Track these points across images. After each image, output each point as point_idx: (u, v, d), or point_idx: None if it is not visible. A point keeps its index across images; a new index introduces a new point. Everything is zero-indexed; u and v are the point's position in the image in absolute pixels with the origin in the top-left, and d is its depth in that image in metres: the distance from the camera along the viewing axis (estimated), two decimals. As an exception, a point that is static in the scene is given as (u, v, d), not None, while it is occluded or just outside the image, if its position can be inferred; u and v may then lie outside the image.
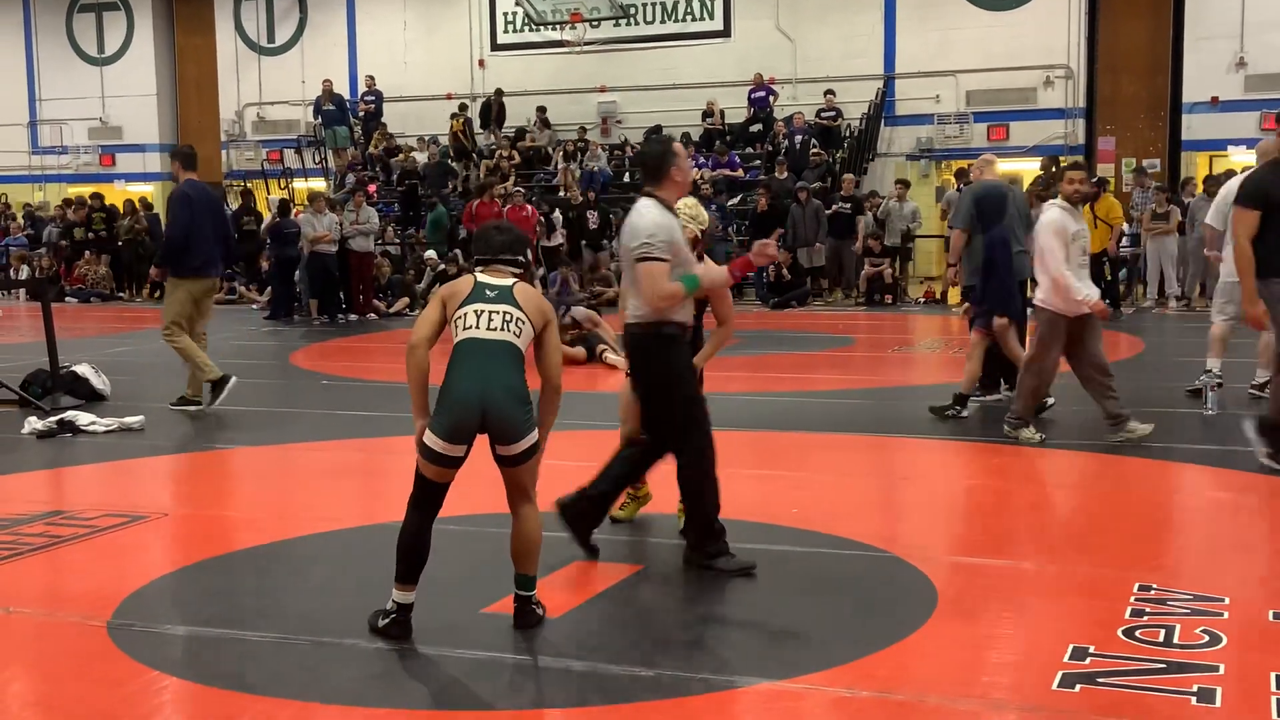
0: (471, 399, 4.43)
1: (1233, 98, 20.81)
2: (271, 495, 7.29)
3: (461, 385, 4.47)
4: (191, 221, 9.54)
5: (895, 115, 23.03)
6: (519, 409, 4.47)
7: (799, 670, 4.20)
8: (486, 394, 4.43)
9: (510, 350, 4.52)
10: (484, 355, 4.49)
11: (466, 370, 4.48)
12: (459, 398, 4.45)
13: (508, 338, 4.53)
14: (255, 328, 17.26)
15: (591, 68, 24.40)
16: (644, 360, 5.35)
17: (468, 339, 4.53)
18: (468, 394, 4.44)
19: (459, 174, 22.98)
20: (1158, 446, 7.84)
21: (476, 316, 4.55)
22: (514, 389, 4.48)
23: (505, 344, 4.52)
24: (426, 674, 4.32)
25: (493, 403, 4.43)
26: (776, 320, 17.07)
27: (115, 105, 28.40)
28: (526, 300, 4.62)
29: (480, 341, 4.51)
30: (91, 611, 4.97)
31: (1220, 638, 4.43)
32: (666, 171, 5.27)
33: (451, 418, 4.43)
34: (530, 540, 4.62)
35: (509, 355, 4.51)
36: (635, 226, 5.22)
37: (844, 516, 6.20)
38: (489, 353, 4.50)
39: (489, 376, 4.46)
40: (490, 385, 4.44)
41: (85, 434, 8.86)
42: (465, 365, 4.50)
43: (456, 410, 4.43)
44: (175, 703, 4.10)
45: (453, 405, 4.44)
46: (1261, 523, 6.32)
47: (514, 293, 4.61)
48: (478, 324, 4.54)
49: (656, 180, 5.31)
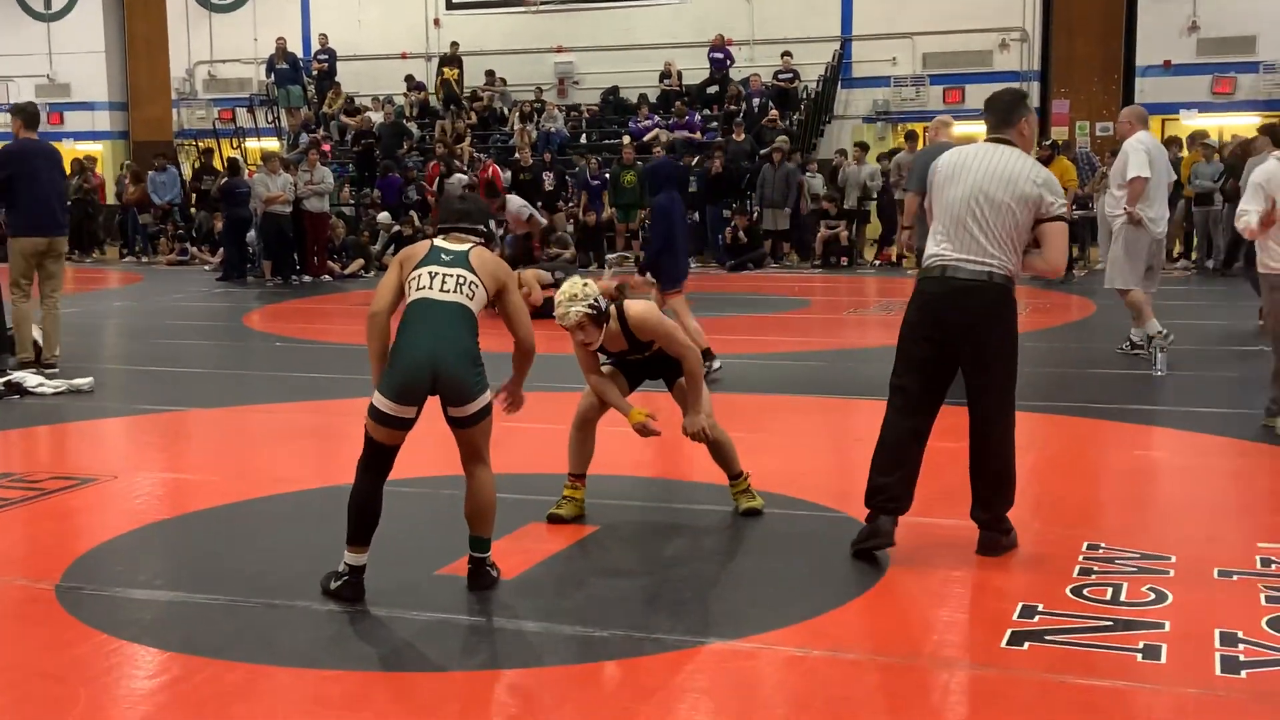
0: (421, 360, 4.41)
1: (1185, 61, 20.93)
2: (223, 457, 7.24)
3: (412, 346, 4.44)
4: (23, 180, 9.54)
5: (852, 78, 22.99)
6: (469, 370, 4.45)
7: (752, 629, 4.23)
8: (437, 355, 4.41)
9: (462, 312, 4.50)
10: (435, 316, 4.47)
11: (417, 331, 4.46)
12: (409, 359, 4.42)
13: (460, 300, 4.51)
14: (208, 289, 17.10)
15: (548, 27, 24.19)
16: (1003, 318, 4.95)
17: (419, 299, 4.51)
18: (418, 355, 4.42)
19: (414, 135, 22.76)
20: (1109, 407, 7.91)
21: (430, 279, 4.53)
22: (465, 350, 4.46)
23: (457, 305, 4.50)
24: (379, 636, 4.31)
25: (443, 364, 4.40)
26: (733, 282, 17.08)
27: (63, 62, 27.87)
28: (482, 265, 4.60)
29: (432, 302, 4.49)
30: (39, 574, 4.93)
31: (1166, 595, 4.49)
32: (1016, 122, 5.03)
33: (401, 379, 4.41)
34: (484, 502, 4.61)
35: (461, 317, 4.49)
36: (1034, 176, 4.86)
37: (798, 477, 6.23)
38: (441, 314, 4.47)
39: (440, 338, 4.43)
40: (441, 347, 4.42)
41: (33, 396, 8.75)
42: (416, 326, 4.47)
43: (406, 371, 4.41)
44: (124, 665, 4.07)
45: (403, 366, 4.42)
46: (1208, 482, 6.40)
47: (469, 257, 4.59)
48: (430, 285, 4.52)
49: (1009, 124, 5.01)
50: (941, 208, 4.97)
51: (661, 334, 5.34)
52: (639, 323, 5.31)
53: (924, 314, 4.96)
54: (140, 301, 15.74)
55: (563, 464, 5.61)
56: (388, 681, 3.92)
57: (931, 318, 4.94)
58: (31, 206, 9.66)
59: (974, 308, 4.87)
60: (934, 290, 4.93)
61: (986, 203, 4.86)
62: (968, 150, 5.03)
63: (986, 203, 4.86)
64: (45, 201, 9.71)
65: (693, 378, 5.41)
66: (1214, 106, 20.79)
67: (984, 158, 4.94)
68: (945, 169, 5.01)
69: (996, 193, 4.85)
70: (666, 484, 6.29)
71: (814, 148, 21.35)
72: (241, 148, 23.80)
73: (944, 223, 4.95)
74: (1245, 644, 4.04)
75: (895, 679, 3.89)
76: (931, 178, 5.08)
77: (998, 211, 4.85)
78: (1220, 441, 7.04)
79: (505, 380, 4.80)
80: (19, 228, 9.73)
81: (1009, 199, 4.84)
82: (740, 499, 5.64)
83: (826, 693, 3.77)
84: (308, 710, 3.69)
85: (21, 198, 9.62)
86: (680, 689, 3.83)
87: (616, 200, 19.34)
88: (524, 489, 5.81)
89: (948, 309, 4.90)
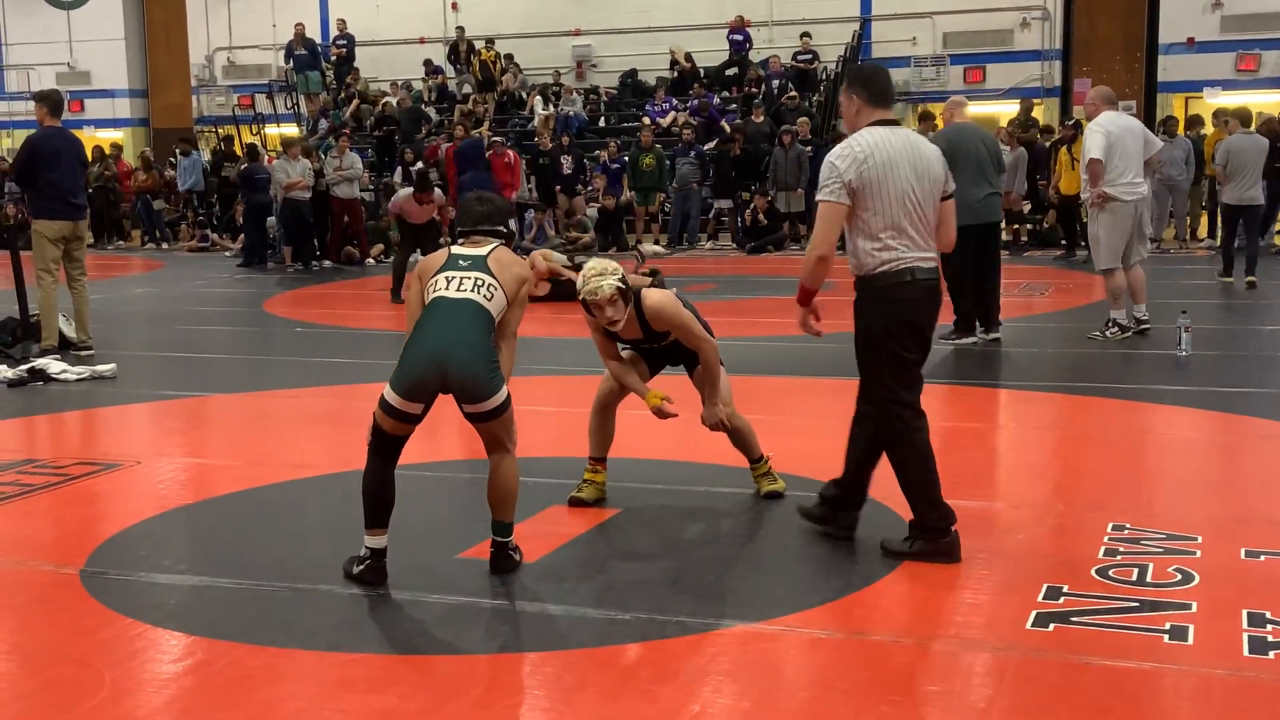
0: (432, 357, 4.40)
1: (1209, 38, 20.74)
2: (245, 442, 7.26)
3: (423, 343, 4.45)
4: (45, 167, 9.69)
5: (872, 58, 22.84)
6: (484, 367, 4.43)
7: (774, 612, 4.22)
8: (448, 353, 4.39)
9: (477, 309, 4.48)
10: (449, 314, 4.47)
11: (430, 329, 4.47)
12: (419, 355, 4.42)
13: (475, 298, 4.50)
14: (228, 275, 17.14)
15: (565, 10, 24.13)
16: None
17: (435, 298, 4.53)
18: (428, 352, 4.41)
19: (432, 119, 22.75)
20: (1131, 387, 7.86)
21: (447, 282, 4.56)
22: (478, 347, 4.43)
23: (472, 303, 4.49)
24: (401, 619, 4.32)
25: (455, 362, 4.39)
26: (752, 265, 17.04)
27: (83, 50, 27.95)
28: (500, 267, 4.60)
29: (447, 300, 4.51)
30: (64, 559, 4.95)
31: (1193, 576, 4.46)
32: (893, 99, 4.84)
33: (411, 375, 4.41)
34: (507, 487, 4.61)
35: (476, 315, 4.47)
36: (937, 156, 4.76)
37: (820, 459, 6.19)
38: (454, 312, 4.47)
39: (451, 335, 4.42)
40: (452, 344, 4.41)
41: (57, 382, 8.79)
42: (429, 324, 4.48)
43: (417, 367, 4.41)
44: (149, 650, 4.09)
45: (413, 362, 4.43)
46: (1234, 462, 6.36)
47: (488, 261, 4.60)
48: (447, 287, 4.54)
49: (893, 101, 4.80)
50: (885, 203, 4.58)
51: (677, 324, 5.29)
52: (655, 312, 5.26)
53: (909, 322, 4.68)
54: (162, 288, 15.79)
55: (583, 447, 5.61)
56: (410, 664, 3.92)
57: (913, 325, 4.69)
58: (51, 192, 9.77)
59: (938, 307, 4.80)
60: (910, 296, 4.65)
61: (919, 193, 4.64)
62: (885, 137, 4.63)
63: (919, 193, 4.64)
64: (65, 187, 9.82)
65: (709, 369, 5.36)
66: (1238, 84, 20.58)
67: (902, 145, 4.65)
68: (880, 162, 4.58)
69: (922, 181, 4.64)
70: (688, 467, 6.28)
71: (834, 129, 21.23)
72: (261, 134, 23.82)
73: (888, 219, 4.59)
74: (1273, 624, 4.00)
75: (919, 661, 3.87)
76: (867, 173, 4.58)
77: (926, 200, 4.66)
78: (1246, 421, 6.98)
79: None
80: (41, 210, 9.84)
81: (930, 185, 4.67)
82: (761, 482, 5.63)
83: (850, 675, 3.76)
84: (330, 694, 3.69)
85: (43, 183, 9.74)
86: (703, 671, 3.82)
87: (635, 184, 19.30)
88: (545, 472, 5.81)
89: (929, 314, 4.73)
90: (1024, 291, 12.94)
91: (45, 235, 9.76)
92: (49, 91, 10.57)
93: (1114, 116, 9.56)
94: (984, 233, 9.61)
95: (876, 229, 4.62)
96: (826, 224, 4.64)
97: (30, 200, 10.10)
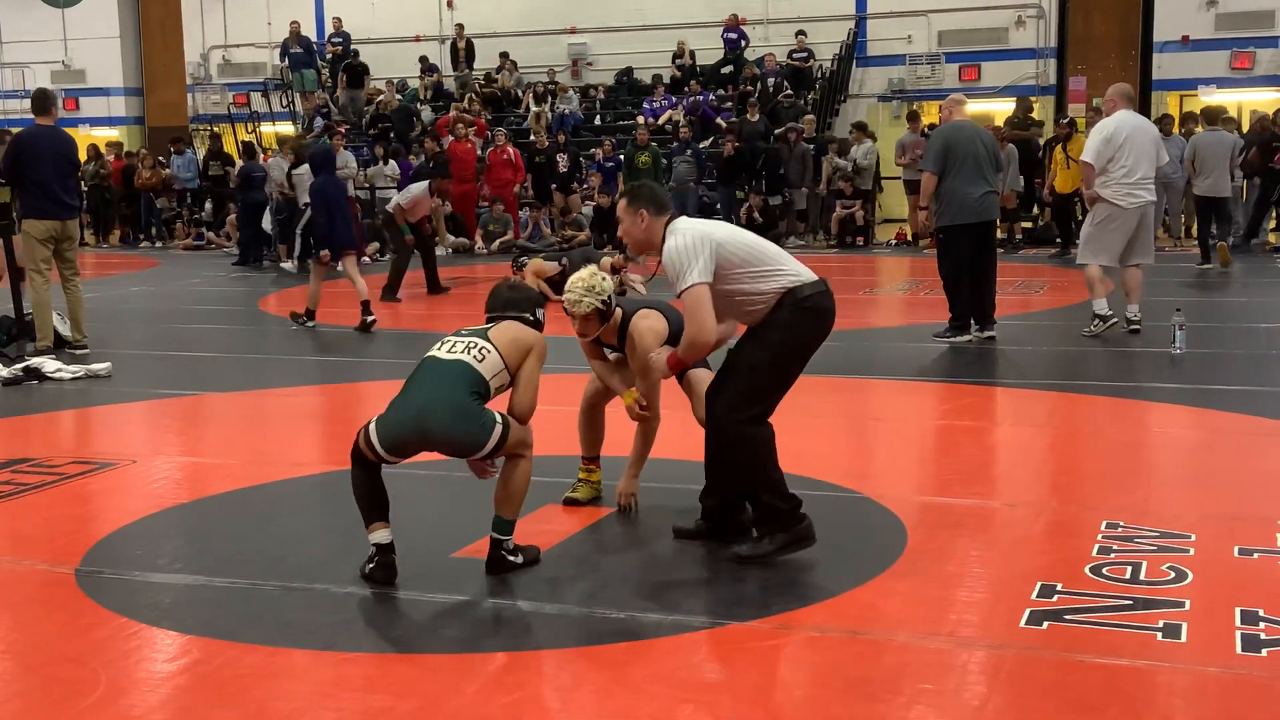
0: (413, 419, 4.42)
1: (1203, 37, 20.76)
2: (241, 441, 7.25)
3: (405, 403, 4.48)
4: (29, 165, 9.69)
5: (867, 56, 22.89)
6: (469, 423, 4.41)
7: (770, 610, 4.23)
8: (429, 414, 4.41)
9: (463, 370, 4.48)
10: (434, 374, 4.50)
11: (414, 390, 4.51)
12: (402, 417, 4.45)
13: (465, 359, 4.51)
14: (224, 273, 17.13)
15: (561, 9, 24.13)
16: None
17: (424, 358, 4.59)
18: (409, 413, 4.44)
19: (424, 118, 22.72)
20: (1126, 385, 7.87)
21: (441, 345, 4.60)
22: (458, 404, 4.42)
23: (460, 363, 4.50)
24: (397, 618, 4.32)
25: (436, 423, 4.40)
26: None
27: (78, 48, 27.92)
28: (501, 335, 4.61)
29: (436, 360, 4.55)
30: (59, 558, 4.95)
31: (1186, 574, 4.47)
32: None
33: (393, 434, 4.44)
34: (516, 485, 4.61)
35: (462, 375, 4.47)
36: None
37: (814, 457, 6.22)
38: (440, 372, 4.50)
39: (434, 395, 4.44)
40: (434, 404, 4.42)
41: (52, 381, 8.79)
42: (414, 383, 4.53)
43: (399, 429, 4.43)
44: (144, 648, 4.09)
45: (396, 423, 4.45)
46: (1227, 460, 6.37)
47: (489, 331, 4.62)
48: (440, 349, 4.59)
49: None
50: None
51: (638, 358, 5.15)
52: (632, 338, 5.19)
53: (817, 332, 4.89)
54: (157, 286, 15.77)
55: (578, 447, 5.61)
56: (405, 663, 3.92)
57: (819, 334, 4.88)
58: (38, 191, 9.77)
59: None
60: (828, 305, 4.86)
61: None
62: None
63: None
64: (50, 186, 9.80)
65: (648, 399, 5.26)
66: (1233, 82, 20.62)
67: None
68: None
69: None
70: (682, 465, 6.28)
71: (829, 127, 21.25)
72: (256, 132, 23.82)
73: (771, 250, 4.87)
74: (1266, 622, 4.01)
75: (914, 659, 3.88)
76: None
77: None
78: (1240, 419, 7.00)
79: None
80: (29, 210, 9.86)
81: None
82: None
83: (845, 673, 3.76)
84: (326, 692, 3.70)
85: (29, 183, 9.76)
86: (698, 669, 3.83)
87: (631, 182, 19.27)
88: (541, 471, 5.76)
89: (829, 324, 4.88)
90: (1019, 289, 12.96)
91: (33, 235, 9.76)
92: (37, 90, 10.59)
93: (1127, 115, 9.58)
94: (981, 231, 9.63)
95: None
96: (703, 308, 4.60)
97: (20, 199, 10.11)
